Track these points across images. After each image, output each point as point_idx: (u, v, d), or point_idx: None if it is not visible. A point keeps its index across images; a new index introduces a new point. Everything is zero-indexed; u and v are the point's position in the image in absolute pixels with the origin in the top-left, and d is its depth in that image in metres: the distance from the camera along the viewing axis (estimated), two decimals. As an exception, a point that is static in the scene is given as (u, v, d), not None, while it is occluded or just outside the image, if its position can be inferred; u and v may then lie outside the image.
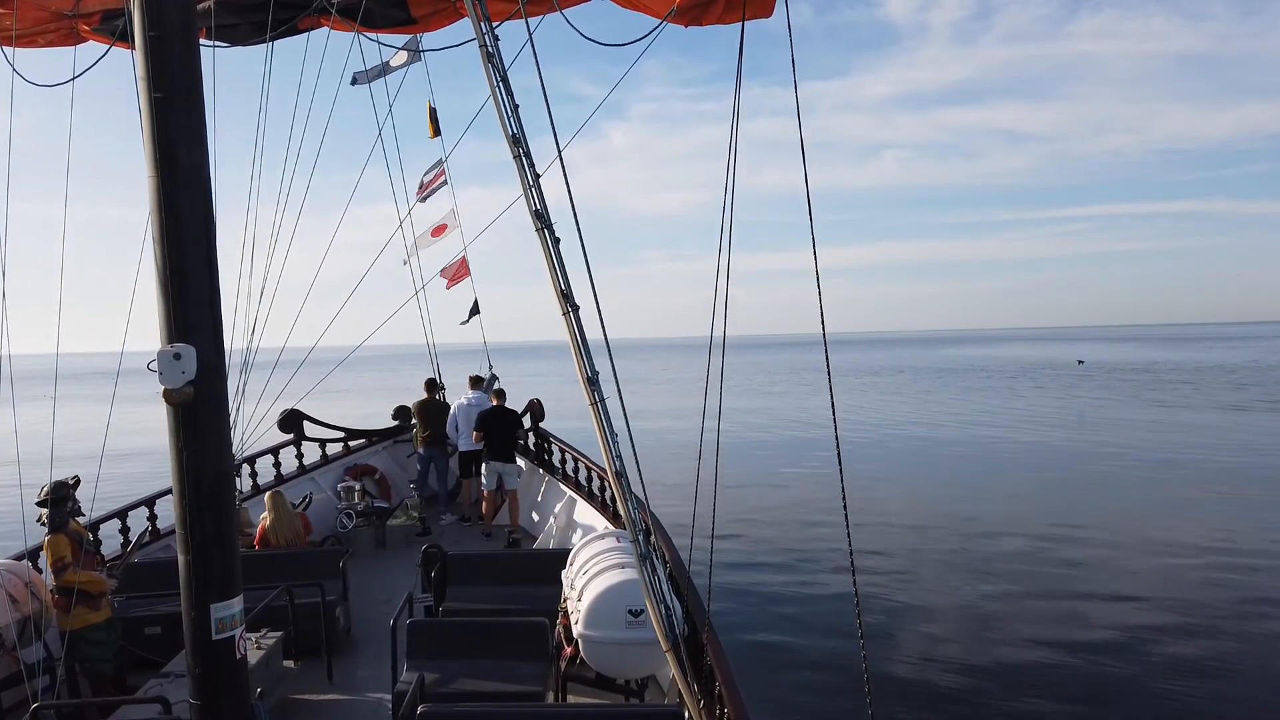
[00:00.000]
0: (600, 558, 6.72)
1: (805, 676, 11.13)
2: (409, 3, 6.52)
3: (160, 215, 3.85)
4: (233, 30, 6.44)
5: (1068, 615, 13.22)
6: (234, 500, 4.26)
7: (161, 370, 3.80)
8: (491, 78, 4.68)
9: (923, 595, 14.31)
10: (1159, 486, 23.40)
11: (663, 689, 7.14)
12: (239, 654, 4.17)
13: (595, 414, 4.77)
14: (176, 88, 3.85)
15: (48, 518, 6.57)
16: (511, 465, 12.32)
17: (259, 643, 6.79)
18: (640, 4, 5.84)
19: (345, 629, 8.42)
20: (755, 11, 5.43)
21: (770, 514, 20.71)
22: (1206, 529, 18.08)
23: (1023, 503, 21.65)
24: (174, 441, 3.95)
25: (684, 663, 4.91)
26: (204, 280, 3.96)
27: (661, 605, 4.91)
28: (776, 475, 26.31)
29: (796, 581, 15.23)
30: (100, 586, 6.75)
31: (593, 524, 10.36)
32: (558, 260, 4.74)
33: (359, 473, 13.45)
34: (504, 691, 6.06)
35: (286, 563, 8.76)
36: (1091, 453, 29.28)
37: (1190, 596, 14.05)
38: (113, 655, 6.85)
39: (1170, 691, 10.53)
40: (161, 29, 3.81)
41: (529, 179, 4.67)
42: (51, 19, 6.38)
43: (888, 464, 27.10)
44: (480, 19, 4.66)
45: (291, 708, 7.00)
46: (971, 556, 16.41)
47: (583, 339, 4.75)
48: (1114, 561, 16.18)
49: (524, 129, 4.77)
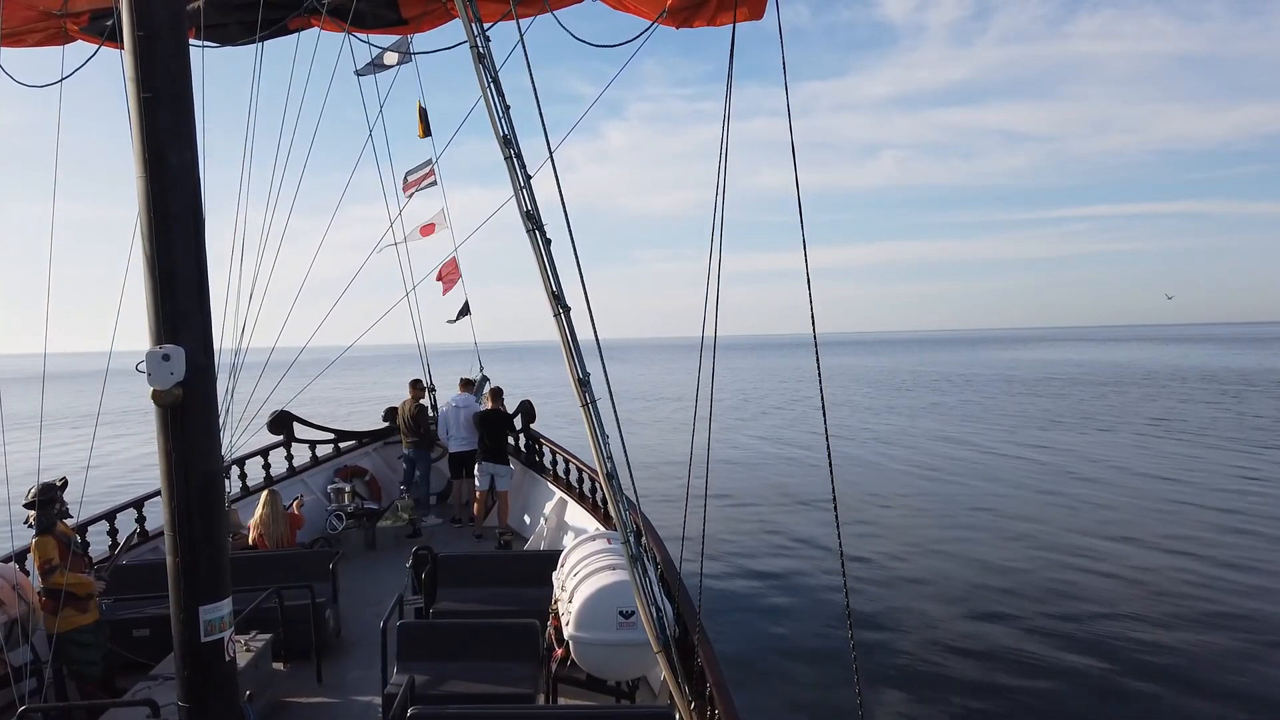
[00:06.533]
0: (591, 559, 6.72)
1: (796, 677, 11.14)
2: (400, 3, 6.51)
3: (149, 215, 3.84)
4: (222, 30, 6.41)
5: (1062, 629, 13.27)
6: (223, 502, 4.24)
7: (150, 371, 3.79)
8: (483, 79, 4.68)
9: (915, 597, 14.35)
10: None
11: (654, 690, 7.14)
12: (228, 656, 4.15)
13: (586, 415, 4.77)
14: (165, 87, 3.84)
15: (35, 519, 6.54)
16: (504, 466, 12.32)
17: (248, 645, 6.76)
18: (631, 6, 5.85)
19: (335, 631, 8.40)
20: (746, 14, 5.44)
21: (762, 516, 20.74)
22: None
23: (1025, 508, 21.74)
24: (162, 442, 3.93)
25: (675, 664, 4.92)
26: (193, 281, 3.94)
27: (652, 606, 4.92)
28: (775, 476, 26.36)
29: (788, 582, 15.26)
30: (88, 588, 6.72)
31: (584, 525, 10.36)
32: (549, 261, 4.74)
33: (349, 474, 13.43)
34: (495, 693, 6.05)
35: (276, 564, 8.73)
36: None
37: (1195, 596, 14.13)
38: (100, 658, 6.81)
39: (1169, 692, 10.59)
40: (150, 29, 3.79)
41: (520, 180, 4.67)
42: (40, 19, 6.35)
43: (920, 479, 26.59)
44: (471, 20, 4.66)
45: (281, 710, 6.98)
46: (968, 564, 16.44)
47: (574, 340, 4.75)
48: (1117, 563, 16.25)
49: (516, 130, 4.77)
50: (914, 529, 19.13)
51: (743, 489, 23.97)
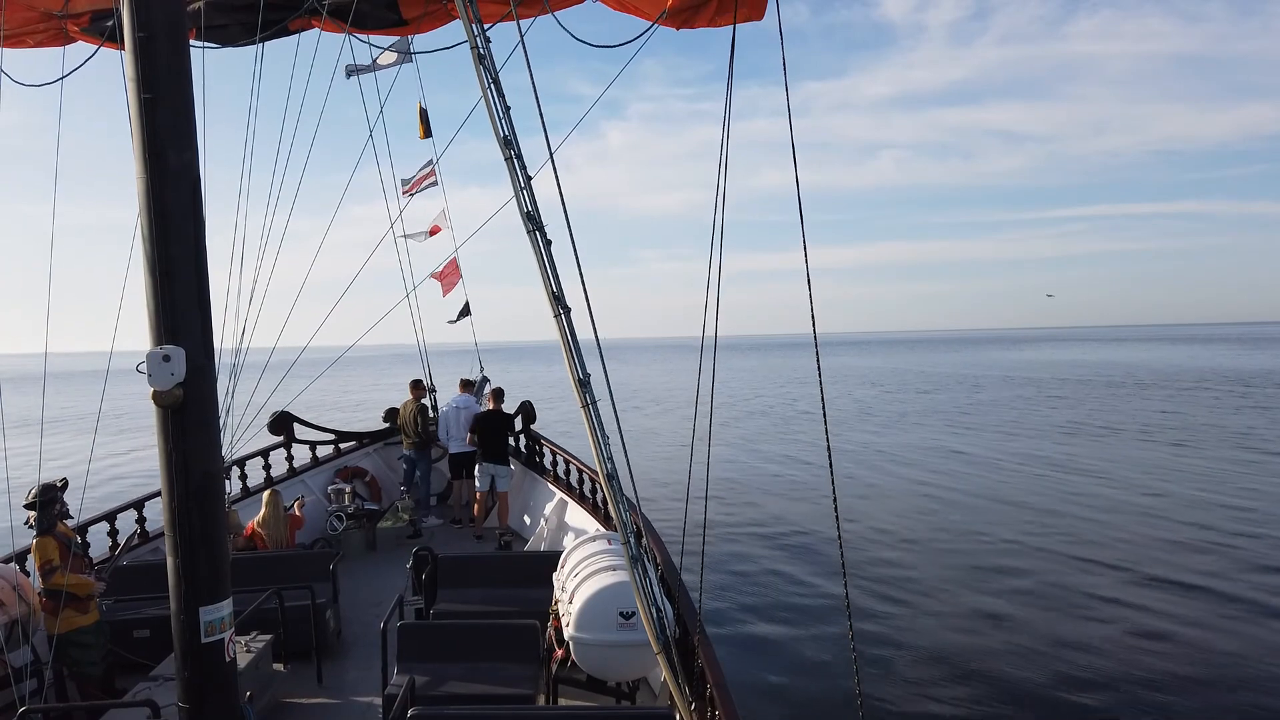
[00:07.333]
0: (591, 560, 6.72)
1: (797, 678, 11.13)
2: (400, 4, 6.51)
3: (149, 215, 3.84)
4: (223, 31, 6.42)
5: (1063, 625, 13.26)
6: (223, 502, 4.24)
7: (150, 372, 3.79)
8: (483, 80, 4.68)
9: (915, 599, 14.33)
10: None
11: (654, 691, 7.14)
12: (228, 657, 4.15)
13: (586, 416, 4.77)
14: (165, 88, 3.84)
15: (35, 520, 6.53)
16: (504, 467, 12.31)
17: (248, 645, 6.76)
18: (631, 6, 5.84)
19: (335, 631, 8.40)
20: (746, 14, 5.44)
21: (762, 516, 20.74)
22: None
23: (1026, 511, 21.72)
24: (162, 443, 3.93)
25: (675, 665, 4.92)
26: (193, 281, 3.94)
27: (653, 607, 4.91)
28: (773, 476, 26.35)
29: (788, 583, 15.24)
30: (88, 589, 6.71)
31: (584, 526, 10.36)
32: (549, 262, 4.74)
33: (349, 475, 13.44)
34: (495, 694, 6.05)
35: (276, 565, 8.73)
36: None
37: (1199, 597, 14.11)
38: (101, 658, 6.80)
39: (1166, 691, 10.57)
40: (150, 30, 3.80)
41: (520, 181, 4.67)
42: (40, 19, 6.35)
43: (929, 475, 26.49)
44: (472, 20, 4.66)
45: (281, 711, 6.97)
46: (969, 566, 16.41)
47: (574, 340, 4.75)
48: (1120, 564, 16.24)
49: (516, 131, 4.77)
50: (915, 529, 19.12)
51: (744, 490, 23.96)
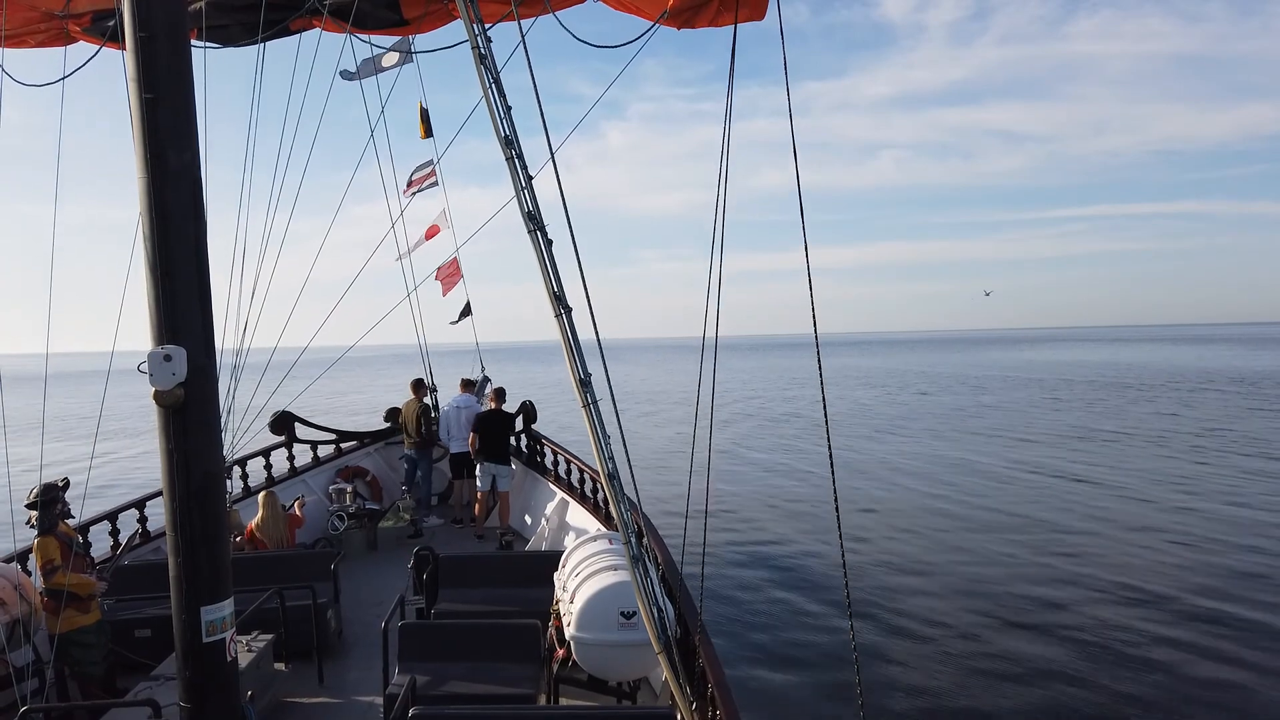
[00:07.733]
0: (592, 560, 6.72)
1: (798, 678, 11.13)
2: (401, 4, 6.51)
3: (150, 215, 3.84)
4: (224, 31, 6.42)
5: (1063, 625, 13.25)
6: (224, 502, 4.25)
7: (152, 372, 3.79)
8: (484, 80, 4.68)
9: (917, 598, 14.33)
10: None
11: (655, 691, 7.14)
12: (229, 656, 4.15)
13: (587, 416, 4.77)
14: (166, 88, 3.84)
15: (37, 520, 6.53)
16: (505, 467, 12.32)
17: (249, 645, 6.77)
18: (632, 6, 5.84)
19: (336, 631, 8.40)
20: (747, 14, 5.43)
21: (763, 516, 20.74)
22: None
23: (1026, 512, 21.71)
24: (164, 442, 3.94)
25: (676, 664, 4.92)
26: (194, 281, 3.95)
27: (654, 607, 4.91)
28: (772, 477, 26.35)
29: (789, 583, 15.24)
30: (89, 589, 6.72)
31: (585, 526, 10.36)
32: (550, 262, 4.74)
33: (350, 474, 13.44)
34: (496, 694, 6.05)
35: (277, 565, 8.73)
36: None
37: (1201, 598, 14.10)
38: (102, 658, 6.81)
39: (1166, 691, 10.57)
40: (151, 30, 3.80)
41: (521, 181, 4.67)
42: (42, 19, 6.35)
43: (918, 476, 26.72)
44: (473, 20, 4.66)
45: (282, 710, 6.98)
46: (972, 565, 16.41)
47: (575, 340, 4.75)
48: (1121, 563, 16.23)
49: (517, 130, 4.77)
50: (916, 529, 19.11)
51: (744, 490, 23.96)
